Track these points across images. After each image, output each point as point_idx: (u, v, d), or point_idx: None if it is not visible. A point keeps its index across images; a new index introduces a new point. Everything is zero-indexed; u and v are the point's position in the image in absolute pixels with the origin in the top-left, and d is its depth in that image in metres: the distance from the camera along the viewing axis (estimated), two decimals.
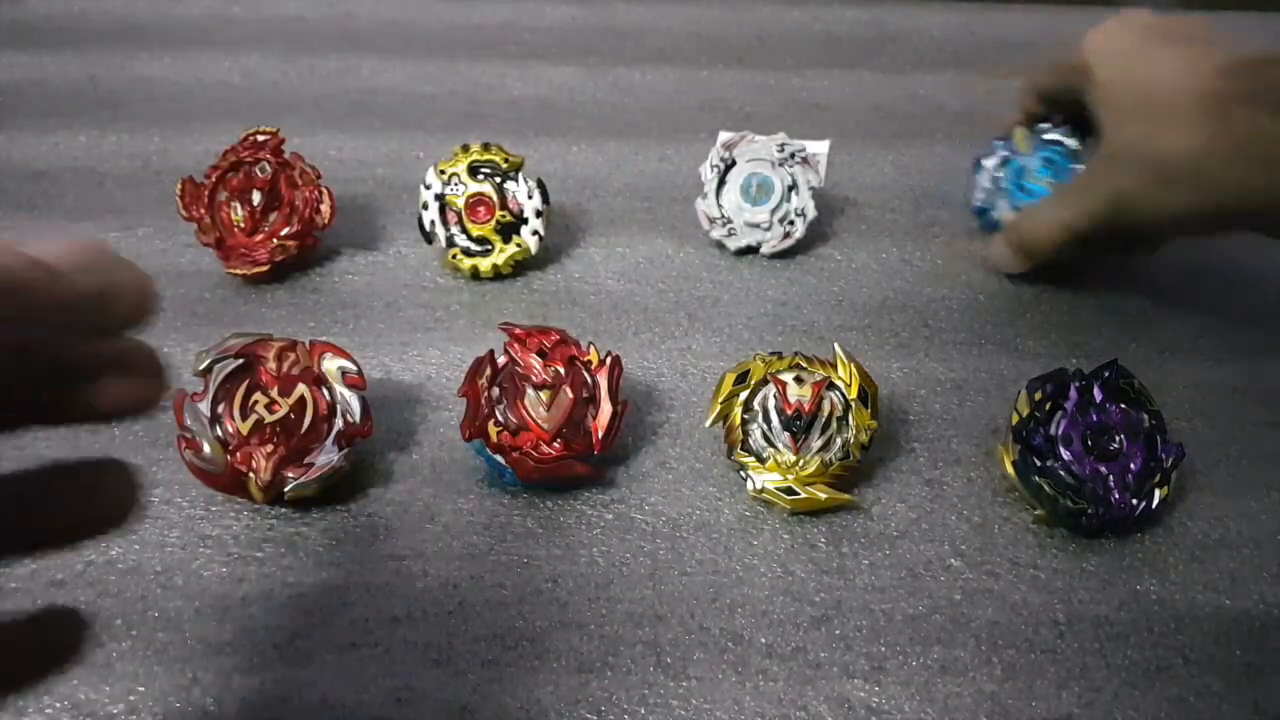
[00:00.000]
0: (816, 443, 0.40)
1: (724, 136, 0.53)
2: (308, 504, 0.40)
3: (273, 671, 0.35)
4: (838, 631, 0.37)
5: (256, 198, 0.50)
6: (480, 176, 0.50)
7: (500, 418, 0.41)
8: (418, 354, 0.47)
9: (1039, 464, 0.39)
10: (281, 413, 0.39)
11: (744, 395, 0.41)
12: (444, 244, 0.51)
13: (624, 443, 0.43)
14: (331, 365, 0.40)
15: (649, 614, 0.37)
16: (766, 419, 0.41)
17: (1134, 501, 0.39)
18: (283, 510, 0.40)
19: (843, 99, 0.68)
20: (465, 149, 0.51)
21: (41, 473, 0.21)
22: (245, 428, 0.39)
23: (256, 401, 0.39)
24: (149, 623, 0.37)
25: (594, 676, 0.35)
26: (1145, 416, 0.40)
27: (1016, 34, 0.76)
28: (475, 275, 0.51)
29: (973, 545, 0.40)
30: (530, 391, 0.41)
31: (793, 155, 0.52)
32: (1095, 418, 0.40)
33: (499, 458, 0.40)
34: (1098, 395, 0.40)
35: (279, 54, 0.70)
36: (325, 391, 0.40)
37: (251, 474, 0.39)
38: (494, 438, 0.40)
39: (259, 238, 0.50)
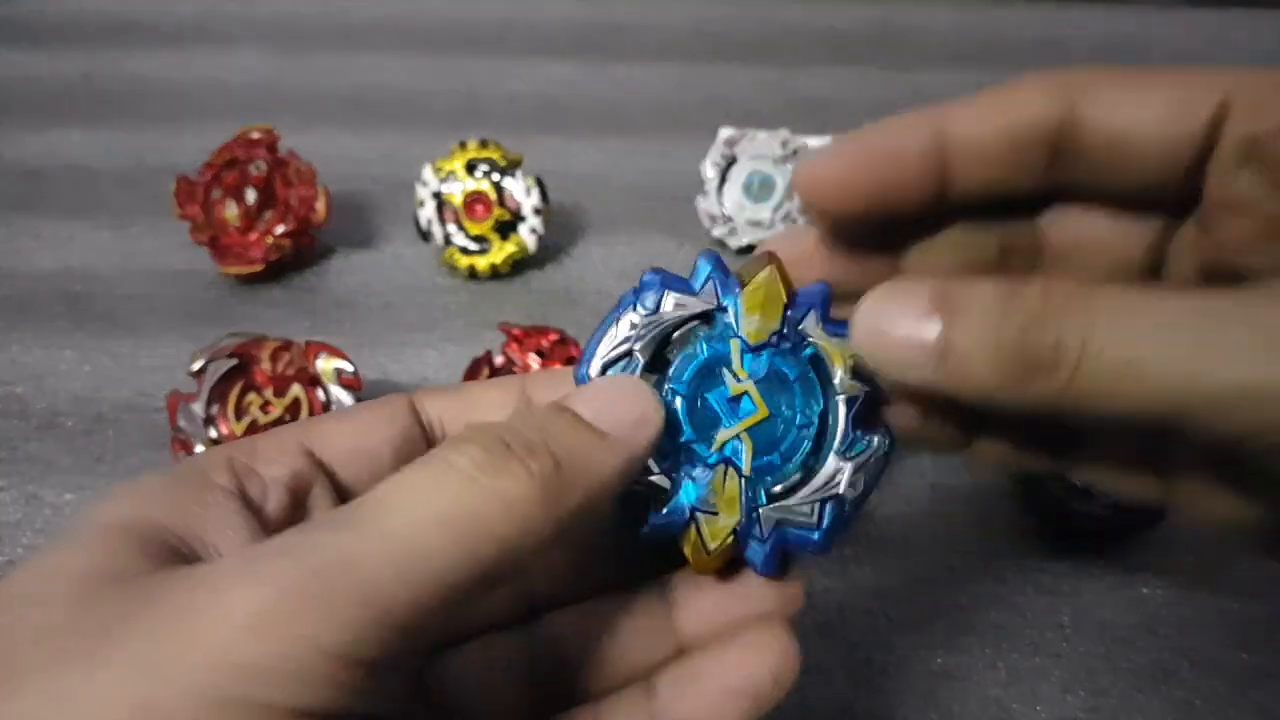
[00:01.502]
0: None
1: (725, 133, 0.53)
2: None
3: None
4: (840, 636, 0.36)
5: (251, 196, 0.49)
6: (478, 174, 0.50)
7: None
8: (415, 354, 0.47)
9: None
10: (276, 414, 0.39)
11: None
12: (441, 242, 0.50)
13: None
14: (327, 365, 0.40)
15: None
16: None
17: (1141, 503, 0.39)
18: None
19: (846, 96, 0.67)
20: (463, 146, 0.51)
21: None
22: (239, 429, 0.39)
23: (251, 402, 0.39)
24: None
25: None
26: None
27: (1020, 31, 0.76)
28: (473, 274, 0.51)
29: (978, 548, 0.39)
30: None
31: (795, 152, 0.52)
32: None
33: None
34: None
35: (274, 50, 0.69)
36: (320, 392, 0.40)
37: None
38: None
39: (254, 236, 0.50)
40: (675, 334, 0.23)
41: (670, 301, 0.22)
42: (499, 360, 0.41)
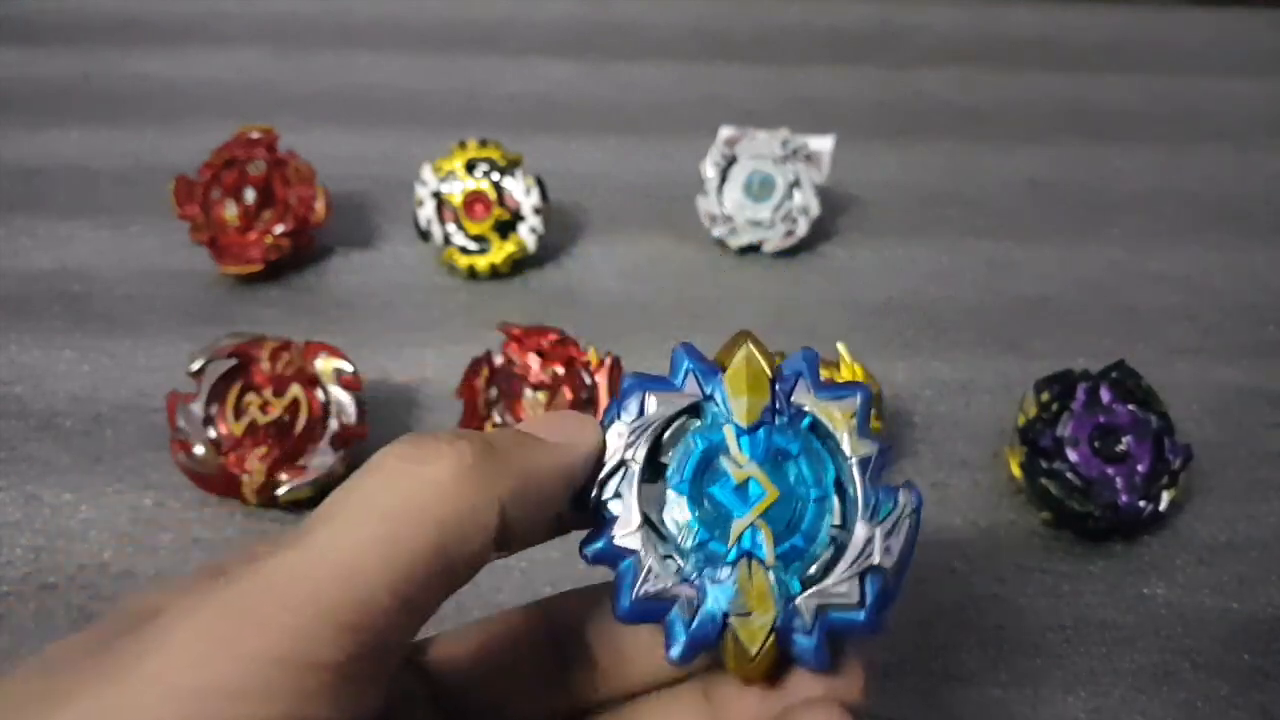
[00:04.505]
0: None
1: (725, 133, 0.53)
2: (302, 507, 0.40)
3: None
4: None
5: (250, 195, 0.49)
6: (477, 173, 0.50)
7: (498, 419, 0.40)
8: (414, 354, 0.47)
9: (1046, 466, 0.39)
10: (275, 414, 0.39)
11: None
12: (441, 242, 0.50)
13: None
14: (326, 366, 0.40)
15: None
16: None
17: (1142, 503, 0.39)
18: (277, 513, 0.40)
19: (846, 95, 0.67)
20: (462, 145, 0.50)
21: None
22: (238, 429, 0.38)
23: (250, 402, 0.39)
24: None
25: None
26: (1153, 417, 0.40)
27: (1020, 30, 0.76)
28: (472, 274, 0.50)
29: (978, 549, 0.39)
30: (528, 392, 0.40)
31: (795, 152, 0.52)
32: (1103, 419, 0.39)
33: None
34: (1105, 396, 0.40)
35: (273, 49, 0.69)
36: (320, 392, 0.40)
37: (245, 476, 0.38)
38: None
39: (252, 236, 0.49)
40: (666, 435, 0.21)
41: (653, 402, 0.21)
42: (499, 360, 0.41)
